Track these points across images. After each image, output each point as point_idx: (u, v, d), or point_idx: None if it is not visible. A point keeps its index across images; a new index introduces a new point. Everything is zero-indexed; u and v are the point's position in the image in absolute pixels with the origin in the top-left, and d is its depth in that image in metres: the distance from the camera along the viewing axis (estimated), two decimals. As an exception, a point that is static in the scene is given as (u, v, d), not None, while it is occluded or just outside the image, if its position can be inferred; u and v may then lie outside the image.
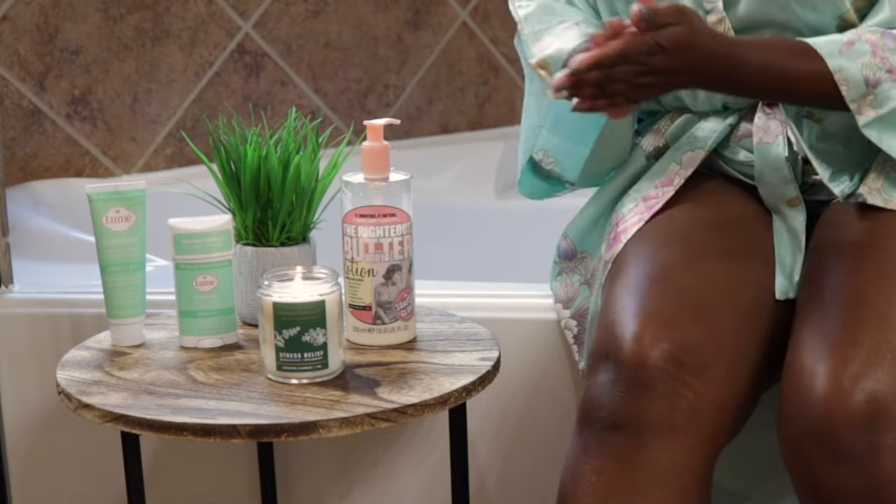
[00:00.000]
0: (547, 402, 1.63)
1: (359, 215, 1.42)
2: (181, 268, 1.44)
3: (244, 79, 2.37)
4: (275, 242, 1.48)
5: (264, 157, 1.46)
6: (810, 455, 1.25)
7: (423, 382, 1.33)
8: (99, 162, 2.27)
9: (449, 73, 2.56)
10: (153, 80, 2.29)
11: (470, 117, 2.60)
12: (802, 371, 1.27)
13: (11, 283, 1.73)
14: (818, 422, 1.24)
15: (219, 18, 2.33)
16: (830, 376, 1.25)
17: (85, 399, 1.31)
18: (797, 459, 1.26)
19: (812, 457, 1.25)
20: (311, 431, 1.25)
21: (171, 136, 2.32)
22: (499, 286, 1.71)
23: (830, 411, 1.23)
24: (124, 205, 1.46)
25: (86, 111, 2.25)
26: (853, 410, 1.22)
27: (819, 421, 1.24)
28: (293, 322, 1.32)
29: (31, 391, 1.70)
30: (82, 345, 1.48)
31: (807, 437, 1.25)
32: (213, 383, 1.35)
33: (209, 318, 1.45)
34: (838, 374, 1.24)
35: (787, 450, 1.28)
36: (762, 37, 1.45)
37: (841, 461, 1.23)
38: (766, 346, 1.37)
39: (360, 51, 2.47)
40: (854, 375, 1.24)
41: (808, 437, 1.25)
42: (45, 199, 2.16)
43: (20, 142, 2.20)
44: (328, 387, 1.32)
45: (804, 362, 1.28)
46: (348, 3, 2.44)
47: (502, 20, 2.58)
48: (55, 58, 2.21)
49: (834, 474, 1.23)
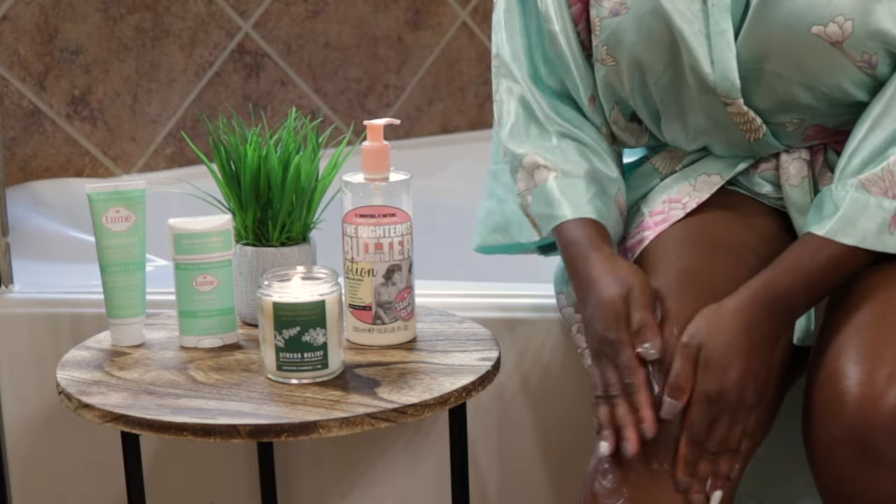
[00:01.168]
0: (547, 402, 1.63)
1: (359, 215, 1.41)
2: (181, 268, 1.44)
3: (244, 79, 2.37)
4: (275, 242, 1.47)
5: (264, 157, 1.46)
6: (841, 459, 1.21)
7: (423, 382, 1.33)
8: (99, 162, 2.27)
9: (449, 73, 2.56)
10: (153, 80, 2.29)
11: (470, 117, 2.60)
12: (835, 374, 1.23)
13: (11, 283, 1.73)
14: (851, 425, 1.20)
15: (219, 18, 2.33)
16: (864, 378, 1.20)
17: (85, 399, 1.31)
18: (827, 463, 1.23)
19: (843, 460, 1.21)
20: (311, 431, 1.25)
21: (171, 136, 2.32)
22: (499, 286, 1.70)
23: (864, 414, 1.19)
24: (124, 205, 1.46)
25: (86, 111, 2.25)
26: (888, 413, 1.18)
27: (852, 424, 1.20)
28: (293, 322, 1.32)
29: (31, 391, 1.70)
30: (82, 345, 1.48)
31: (839, 440, 1.21)
32: (213, 383, 1.35)
33: (209, 318, 1.45)
34: (872, 375, 1.20)
35: (816, 453, 1.24)
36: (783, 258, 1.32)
37: (874, 465, 1.19)
38: (792, 347, 1.35)
39: (360, 51, 2.47)
40: (888, 377, 1.20)
41: (840, 441, 1.21)
42: (45, 199, 2.15)
43: (20, 142, 2.20)
44: (328, 387, 1.32)
45: (836, 365, 1.24)
46: (348, 3, 2.44)
47: (502, 20, 2.58)
48: (55, 58, 2.21)
49: (866, 478, 1.20)
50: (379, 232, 1.41)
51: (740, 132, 1.40)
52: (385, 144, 1.42)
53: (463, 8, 2.54)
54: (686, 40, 1.35)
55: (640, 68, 1.40)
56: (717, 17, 1.35)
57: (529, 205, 1.44)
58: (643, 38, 1.37)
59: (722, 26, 1.34)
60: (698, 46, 1.35)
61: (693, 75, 1.37)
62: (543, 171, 1.43)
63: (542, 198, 1.42)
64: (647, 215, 1.46)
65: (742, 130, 1.39)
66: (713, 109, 1.38)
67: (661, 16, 1.36)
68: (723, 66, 1.35)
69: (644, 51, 1.38)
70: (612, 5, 1.39)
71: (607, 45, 1.41)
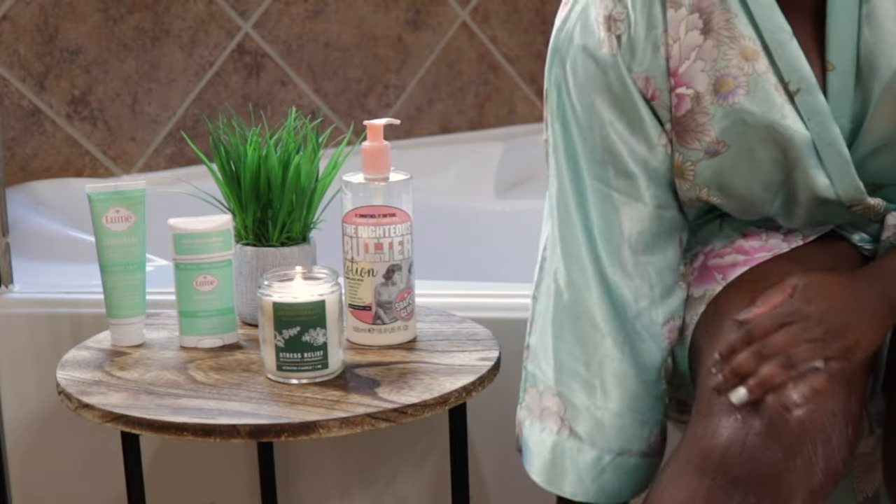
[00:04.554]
0: (547, 402, 1.63)
1: (359, 215, 1.42)
2: (181, 268, 1.44)
3: (244, 79, 2.37)
4: (275, 242, 1.48)
5: (264, 157, 1.46)
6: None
7: (423, 382, 1.33)
8: (99, 162, 2.27)
9: (449, 73, 2.56)
10: (153, 80, 2.29)
11: (470, 117, 2.60)
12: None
13: (11, 283, 1.73)
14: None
15: (219, 18, 2.33)
16: None
17: (85, 399, 1.31)
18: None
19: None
20: (311, 431, 1.25)
21: (171, 136, 2.32)
22: (499, 286, 1.70)
23: None
24: (124, 205, 1.46)
25: (86, 111, 2.25)
26: None
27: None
28: (293, 322, 1.32)
29: (31, 391, 1.70)
30: (82, 345, 1.48)
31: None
32: (213, 383, 1.35)
33: (209, 318, 1.45)
34: None
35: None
36: None
37: None
38: None
39: (360, 51, 2.47)
40: None
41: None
42: (45, 199, 2.15)
43: (20, 142, 2.20)
44: (328, 387, 1.32)
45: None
46: (348, 3, 2.44)
47: (502, 20, 2.58)
48: (55, 58, 2.21)
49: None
50: (379, 232, 1.41)
51: (860, 217, 1.31)
52: (385, 144, 1.42)
53: (463, 8, 2.54)
54: (807, 156, 1.24)
55: (753, 196, 1.29)
56: (818, 129, 1.23)
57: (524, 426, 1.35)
58: (759, 167, 1.26)
59: (828, 137, 1.24)
60: (814, 159, 1.24)
61: (816, 189, 1.26)
62: (555, 418, 1.32)
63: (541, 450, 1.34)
64: (738, 236, 1.34)
65: (862, 215, 1.30)
66: (836, 211, 1.29)
67: (777, 140, 1.25)
68: (842, 178, 1.25)
69: (758, 185, 1.27)
70: (707, 145, 1.26)
71: (708, 186, 1.29)
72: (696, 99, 1.25)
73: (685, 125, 1.26)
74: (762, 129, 1.23)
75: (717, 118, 1.24)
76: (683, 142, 1.27)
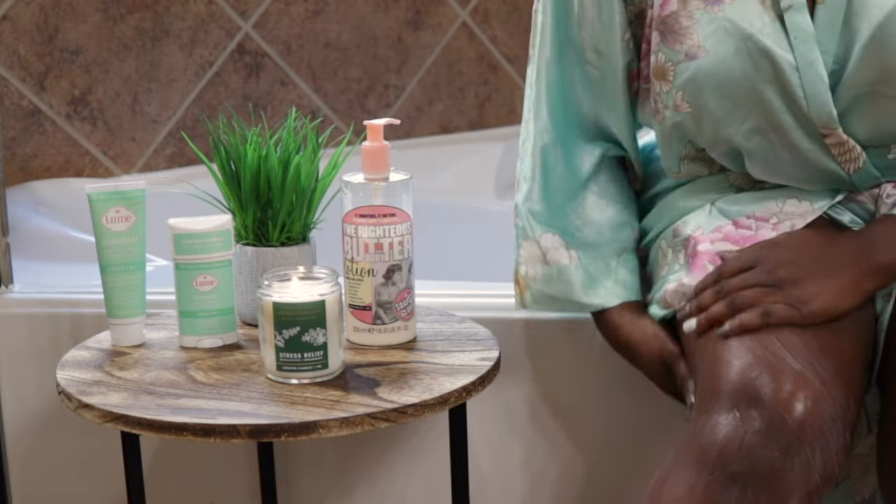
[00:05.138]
0: (547, 402, 1.63)
1: (359, 215, 1.42)
2: (181, 268, 1.44)
3: (244, 79, 2.37)
4: (275, 242, 1.48)
5: (264, 157, 1.46)
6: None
7: (423, 382, 1.33)
8: (99, 162, 2.27)
9: (449, 73, 2.56)
10: (153, 80, 2.29)
11: (470, 117, 2.60)
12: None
13: (11, 283, 1.73)
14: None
15: (219, 18, 2.33)
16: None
17: (85, 399, 1.31)
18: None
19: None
20: (311, 431, 1.25)
21: (171, 136, 2.32)
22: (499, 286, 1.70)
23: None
24: (124, 205, 1.46)
25: (86, 111, 2.25)
26: None
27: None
28: (293, 322, 1.32)
29: (31, 391, 1.70)
30: (82, 345, 1.48)
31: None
32: (213, 383, 1.35)
33: (209, 318, 1.45)
34: None
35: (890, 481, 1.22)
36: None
37: None
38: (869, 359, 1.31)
39: (360, 51, 2.47)
40: None
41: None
42: (45, 199, 2.16)
43: (20, 142, 2.20)
44: (328, 387, 1.32)
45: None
46: (348, 3, 2.44)
47: (502, 20, 2.58)
48: (55, 58, 2.21)
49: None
50: (379, 232, 1.41)
51: (837, 165, 1.33)
52: (385, 144, 1.42)
53: (463, 8, 2.54)
54: (785, 73, 1.28)
55: (724, 112, 1.33)
56: (802, 48, 1.28)
57: (530, 277, 1.46)
58: (731, 79, 1.30)
59: (810, 57, 1.28)
60: (792, 78, 1.28)
61: (788, 110, 1.30)
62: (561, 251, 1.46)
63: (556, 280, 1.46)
64: (728, 223, 1.38)
65: (839, 162, 1.32)
66: (807, 145, 1.32)
67: (752, 53, 1.28)
68: (816, 99, 1.29)
69: (729, 94, 1.31)
70: (688, 48, 1.31)
71: (683, 90, 1.33)
72: (683, 1, 1.31)
73: (669, 25, 1.33)
74: (741, 40, 1.29)
75: (701, 23, 1.30)
76: (666, 42, 1.33)
